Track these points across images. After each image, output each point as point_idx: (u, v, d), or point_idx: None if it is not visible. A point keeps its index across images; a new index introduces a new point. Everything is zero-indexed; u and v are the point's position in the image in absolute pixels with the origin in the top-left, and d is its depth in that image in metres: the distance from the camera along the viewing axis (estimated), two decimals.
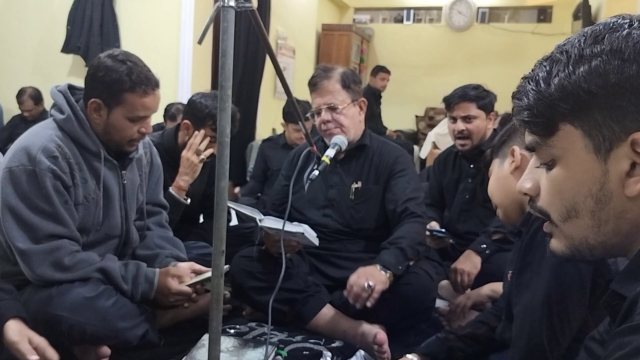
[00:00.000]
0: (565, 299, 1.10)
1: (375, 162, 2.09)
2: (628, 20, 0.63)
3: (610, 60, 0.61)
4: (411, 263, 1.90)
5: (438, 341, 1.53)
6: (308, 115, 2.16)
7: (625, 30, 0.62)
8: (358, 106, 2.09)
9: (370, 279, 1.72)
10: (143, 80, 1.62)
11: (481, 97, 2.44)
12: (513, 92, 0.71)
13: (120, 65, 1.61)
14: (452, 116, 2.49)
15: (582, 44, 0.64)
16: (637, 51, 0.60)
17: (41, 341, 1.33)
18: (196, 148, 2.24)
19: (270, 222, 1.78)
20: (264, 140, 3.86)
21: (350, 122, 2.04)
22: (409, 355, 1.51)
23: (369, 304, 1.71)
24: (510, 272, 1.32)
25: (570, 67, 0.63)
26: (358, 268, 1.78)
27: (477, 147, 2.45)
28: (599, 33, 0.63)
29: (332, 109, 2.02)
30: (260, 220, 1.80)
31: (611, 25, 0.63)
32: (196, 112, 2.27)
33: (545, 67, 0.66)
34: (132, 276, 1.69)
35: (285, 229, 1.75)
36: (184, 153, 2.25)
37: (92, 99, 1.64)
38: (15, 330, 1.32)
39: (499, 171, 1.40)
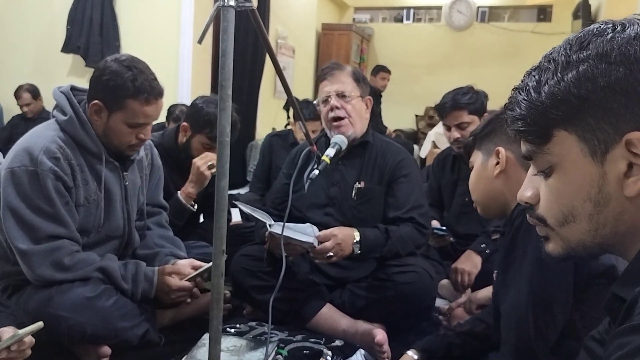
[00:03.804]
0: (548, 295, 1.11)
1: (379, 162, 2.08)
2: (611, 25, 0.64)
3: (597, 64, 0.62)
4: (377, 255, 1.95)
5: (437, 338, 1.53)
6: (316, 102, 2.15)
7: (610, 35, 0.63)
8: (365, 103, 2.10)
9: (339, 252, 1.83)
10: (147, 88, 1.62)
11: (472, 102, 2.42)
12: (505, 104, 0.72)
13: (126, 71, 1.61)
14: (446, 124, 2.49)
15: (568, 51, 0.65)
16: (622, 53, 0.61)
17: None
18: (209, 162, 2.19)
19: (280, 229, 1.77)
20: (272, 135, 3.80)
21: (357, 114, 2.05)
22: (409, 352, 1.51)
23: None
24: (495, 272, 1.32)
25: (559, 74, 0.64)
26: (342, 228, 1.89)
27: None
28: (584, 39, 0.64)
29: (341, 96, 2.02)
30: (270, 226, 1.81)
31: (595, 30, 0.64)
32: (196, 116, 2.25)
33: (534, 76, 0.67)
34: (132, 275, 1.69)
35: (297, 237, 1.77)
36: (196, 160, 2.22)
37: (94, 101, 1.64)
38: None
39: (482, 170, 1.37)
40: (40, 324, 1.28)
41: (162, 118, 3.69)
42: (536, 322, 1.11)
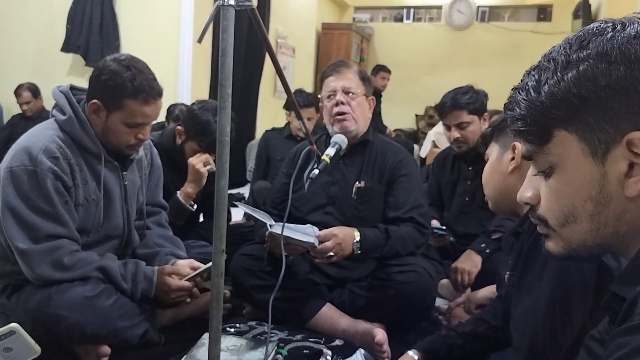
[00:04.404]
0: (568, 304, 1.09)
1: (379, 162, 2.09)
2: (611, 24, 0.63)
3: (597, 63, 0.62)
4: (377, 255, 1.95)
5: (438, 338, 1.52)
6: (320, 96, 2.16)
7: (609, 34, 0.62)
8: (368, 102, 2.12)
9: (339, 251, 1.83)
10: (145, 88, 1.62)
11: (471, 102, 2.42)
12: (505, 104, 0.72)
13: (125, 71, 1.61)
14: (446, 124, 2.49)
15: (568, 51, 0.64)
16: (622, 52, 0.61)
17: None
18: (204, 159, 2.22)
19: (280, 229, 1.77)
20: (268, 131, 3.83)
21: (361, 112, 2.06)
22: (409, 352, 1.51)
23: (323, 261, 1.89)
24: (507, 273, 1.30)
25: (559, 73, 0.64)
26: (343, 228, 1.89)
27: (474, 148, 2.45)
28: (583, 38, 0.64)
29: (347, 93, 2.04)
30: (270, 226, 1.81)
31: (595, 30, 0.64)
32: (190, 123, 2.26)
33: (534, 76, 0.67)
34: (132, 274, 1.69)
35: (297, 237, 1.77)
36: (191, 159, 2.23)
37: (93, 100, 1.64)
38: None
39: (497, 164, 1.35)
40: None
41: (161, 117, 3.69)
42: (553, 328, 1.09)
